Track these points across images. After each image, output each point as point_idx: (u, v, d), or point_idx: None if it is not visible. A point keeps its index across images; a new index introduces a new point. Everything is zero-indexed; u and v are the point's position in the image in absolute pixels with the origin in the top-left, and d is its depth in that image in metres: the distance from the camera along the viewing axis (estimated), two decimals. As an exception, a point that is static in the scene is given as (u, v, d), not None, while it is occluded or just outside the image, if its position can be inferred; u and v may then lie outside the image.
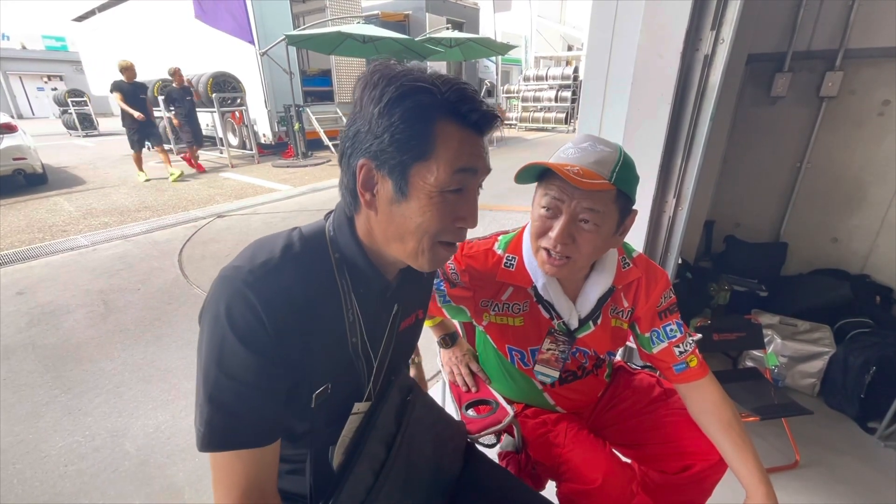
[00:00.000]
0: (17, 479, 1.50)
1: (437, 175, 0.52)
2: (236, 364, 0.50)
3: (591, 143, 0.76)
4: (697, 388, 0.90)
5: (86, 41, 14.32)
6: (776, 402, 1.48)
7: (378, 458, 0.63)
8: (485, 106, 0.54)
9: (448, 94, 0.52)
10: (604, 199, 0.73)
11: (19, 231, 4.26)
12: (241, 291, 0.49)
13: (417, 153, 0.51)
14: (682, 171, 1.35)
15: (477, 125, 0.54)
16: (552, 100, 12.10)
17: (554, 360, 0.94)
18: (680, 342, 0.90)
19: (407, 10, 10.70)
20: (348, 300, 0.59)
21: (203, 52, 8.79)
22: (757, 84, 2.19)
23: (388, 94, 0.50)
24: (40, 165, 6.08)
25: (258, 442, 0.52)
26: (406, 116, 0.50)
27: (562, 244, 0.76)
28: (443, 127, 0.52)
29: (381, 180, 0.54)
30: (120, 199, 5.46)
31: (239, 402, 0.50)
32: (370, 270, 0.60)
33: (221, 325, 0.49)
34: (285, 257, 0.54)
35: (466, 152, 0.53)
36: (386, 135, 0.50)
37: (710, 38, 1.22)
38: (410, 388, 0.71)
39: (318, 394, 0.58)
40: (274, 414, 0.54)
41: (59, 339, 2.41)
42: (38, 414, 1.83)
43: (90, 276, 3.23)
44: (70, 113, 12.52)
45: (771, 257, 2.32)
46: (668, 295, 0.92)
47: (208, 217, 4.66)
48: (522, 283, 0.91)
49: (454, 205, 0.55)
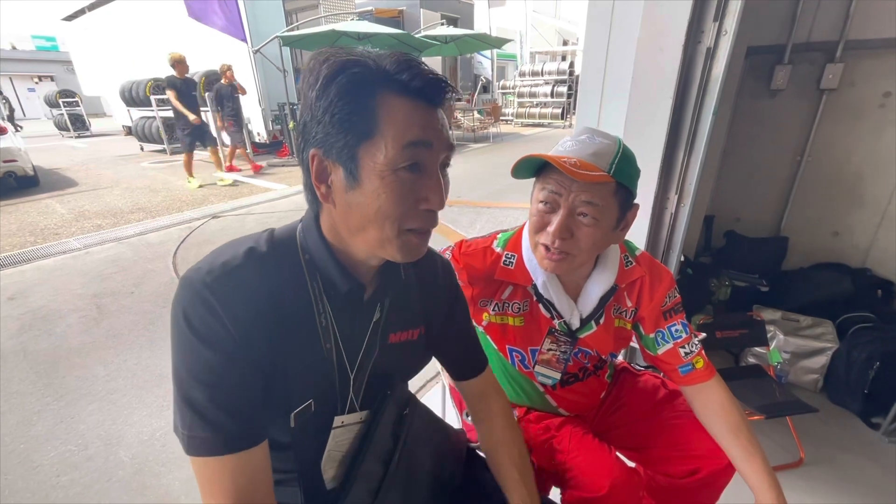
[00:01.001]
0: (9, 490, 1.47)
1: (386, 152, 0.48)
2: (202, 367, 0.49)
3: (589, 136, 0.75)
4: (704, 391, 0.87)
5: (76, 41, 14.15)
6: (781, 399, 1.46)
7: (375, 476, 0.60)
8: (428, 71, 0.50)
9: (386, 65, 0.48)
10: (603, 192, 0.71)
11: (10, 235, 4.19)
12: (200, 292, 0.49)
13: (361, 131, 0.48)
14: (684, 167, 1.32)
15: (423, 94, 0.50)
16: (548, 95, 12.07)
17: (555, 361, 0.91)
18: (686, 343, 0.88)
19: (401, 7, 10.62)
20: (320, 304, 0.56)
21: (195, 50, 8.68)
22: (757, 77, 2.16)
23: (322, 73, 0.48)
24: (31, 167, 5.99)
25: (239, 445, 0.50)
26: (342, 93, 0.47)
27: (560, 239, 0.74)
28: (385, 100, 0.48)
29: (332, 169, 0.51)
30: (113, 201, 5.39)
31: (213, 406, 0.49)
32: (338, 270, 0.56)
33: (182, 329, 0.49)
34: (249, 258, 0.52)
35: (416, 124, 0.49)
36: (326, 116, 0.48)
37: (712, 30, 1.19)
38: (407, 402, 0.68)
39: (298, 412, 0.55)
40: (253, 415, 0.52)
41: (51, 345, 2.36)
42: (30, 422, 1.79)
43: (83, 280, 3.18)
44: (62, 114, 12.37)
45: (771, 252, 2.31)
46: (673, 294, 0.89)
47: (203, 218, 4.61)
48: (522, 282, 0.88)
49: (412, 184, 0.51)
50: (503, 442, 0.76)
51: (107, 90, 12.81)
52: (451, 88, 0.52)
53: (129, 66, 10.77)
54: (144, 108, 9.19)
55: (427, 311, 0.70)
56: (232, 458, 0.49)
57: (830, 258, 2.17)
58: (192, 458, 0.50)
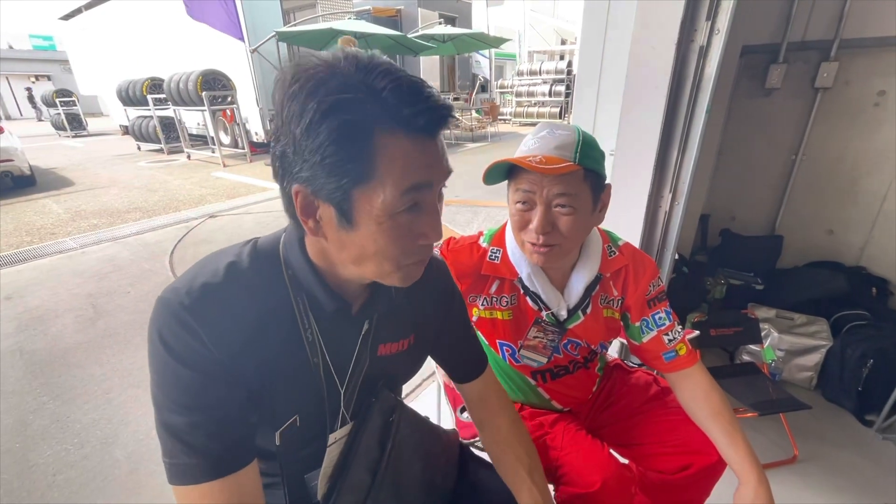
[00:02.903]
0: (5, 489, 1.47)
1: (385, 198, 0.44)
2: (181, 389, 0.46)
3: (549, 131, 0.77)
4: (687, 377, 0.89)
5: (73, 40, 14.10)
6: (774, 397, 1.47)
7: (363, 485, 0.60)
8: (432, 99, 0.44)
9: (385, 96, 0.42)
10: (573, 180, 0.73)
11: (7, 234, 4.18)
12: (178, 315, 0.46)
13: (356, 177, 0.43)
14: (678, 165, 1.33)
15: (427, 129, 0.45)
16: (546, 94, 12.08)
17: (541, 348, 0.92)
18: (669, 330, 0.90)
19: (399, 6, 10.60)
20: (305, 319, 0.54)
21: (192, 49, 8.68)
22: (751, 76, 2.17)
23: (309, 111, 0.41)
24: (28, 167, 5.99)
25: (225, 469, 0.47)
26: (335, 138, 0.41)
27: (543, 234, 0.75)
28: (383, 140, 0.43)
29: (321, 206, 0.46)
30: (110, 201, 5.38)
31: (194, 430, 0.46)
32: (323, 292, 0.53)
33: (159, 352, 0.46)
34: (229, 276, 0.49)
35: (416, 165, 0.45)
36: (315, 157, 0.42)
37: (705, 29, 1.19)
38: (393, 409, 0.66)
39: (283, 430, 0.53)
40: (238, 436, 0.49)
41: (47, 345, 2.36)
42: (26, 422, 1.79)
43: (79, 280, 3.17)
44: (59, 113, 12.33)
45: (767, 250, 2.32)
46: (657, 283, 0.91)
47: (200, 217, 4.61)
48: (508, 275, 0.90)
49: (411, 224, 0.48)
50: (509, 443, 0.76)
51: (104, 89, 12.79)
52: (451, 110, 0.47)
53: (126, 66, 10.74)
54: (141, 107, 9.17)
55: (418, 318, 0.68)
56: (218, 485, 0.47)
57: (825, 256, 2.18)
58: (175, 489, 0.47)
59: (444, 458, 0.77)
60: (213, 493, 0.47)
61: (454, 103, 11.36)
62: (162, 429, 0.47)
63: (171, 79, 7.81)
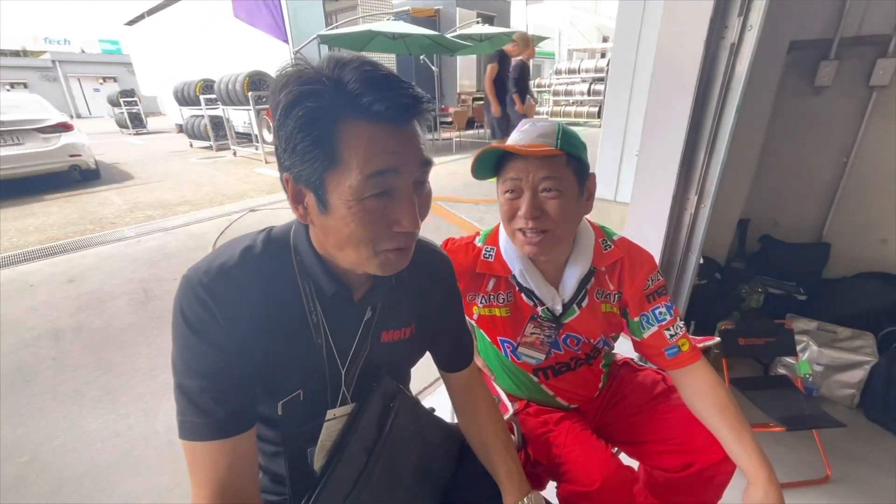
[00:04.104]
0: (60, 451, 1.64)
1: (351, 182, 0.47)
2: (196, 358, 0.52)
3: (531, 125, 0.81)
4: (690, 373, 0.88)
5: (136, 44, 15.21)
6: (806, 412, 1.40)
7: (359, 463, 0.63)
8: (396, 90, 0.46)
9: (350, 87, 0.46)
10: (556, 164, 0.77)
11: (73, 223, 4.59)
12: (196, 290, 0.52)
13: (325, 163, 0.47)
14: (704, 167, 1.29)
15: (388, 116, 0.47)
16: (584, 93, 11.78)
17: (538, 344, 0.93)
18: (670, 325, 0.89)
19: (437, 6, 10.68)
20: (311, 303, 0.58)
21: (241, 52, 9.14)
22: (800, 73, 2.04)
23: (280, 102, 0.47)
24: (94, 161, 6.50)
25: (226, 432, 0.53)
26: (300, 126, 0.46)
27: (533, 218, 0.78)
28: (347, 127, 0.46)
29: (307, 193, 0.51)
30: (163, 194, 5.78)
31: (204, 394, 0.52)
32: (325, 275, 0.58)
33: (179, 323, 0.52)
34: (243, 259, 0.55)
35: (379, 152, 0.47)
36: (290, 145, 0.47)
37: (736, 26, 1.15)
38: (394, 395, 0.69)
39: (286, 402, 0.58)
40: (241, 403, 0.55)
41: (103, 324, 2.59)
42: (81, 392, 1.97)
43: (133, 266, 3.44)
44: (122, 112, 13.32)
45: (811, 259, 2.18)
46: (656, 277, 0.91)
47: (241, 211, 4.86)
48: (501, 273, 0.92)
49: (383, 209, 0.50)
50: (487, 422, 0.79)
51: (162, 90, 13.70)
52: (424, 101, 0.49)
53: (183, 68, 11.46)
54: (194, 106, 9.75)
55: (420, 307, 0.71)
56: (218, 444, 0.53)
57: (877, 267, 2.03)
58: (183, 443, 0.54)
59: (443, 449, 0.80)
60: (213, 451, 0.53)
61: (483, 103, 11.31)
62: (177, 390, 0.53)
63: (220, 80, 8.26)
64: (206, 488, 0.53)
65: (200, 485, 0.53)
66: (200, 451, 0.53)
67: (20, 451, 1.63)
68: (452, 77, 11.21)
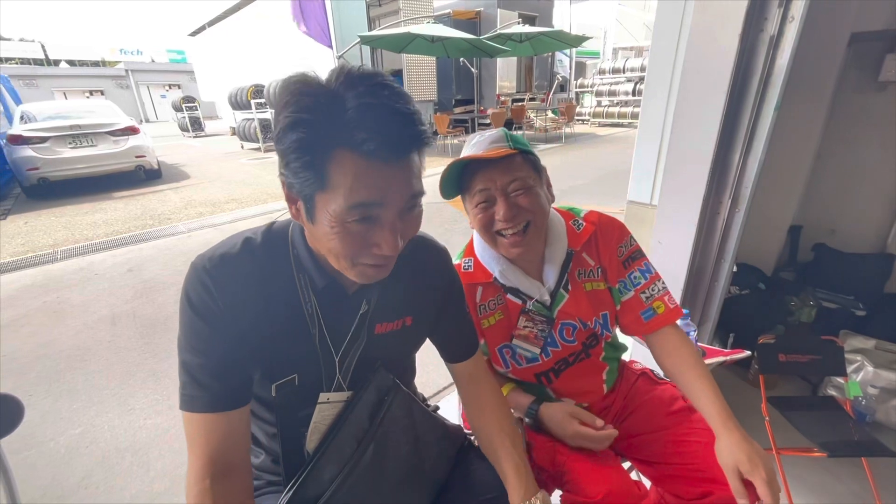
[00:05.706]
0: (108, 426, 1.79)
1: (335, 208, 0.50)
2: (196, 336, 0.57)
3: (479, 136, 0.85)
4: (663, 334, 0.91)
5: (198, 53, 16.35)
6: (855, 438, 1.27)
7: (348, 449, 0.65)
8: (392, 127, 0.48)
9: (349, 117, 0.47)
10: (515, 165, 0.81)
11: (136, 218, 5.00)
12: (199, 275, 0.56)
13: (315, 184, 0.50)
14: (739, 169, 1.20)
15: (379, 155, 0.48)
16: (629, 93, 11.37)
17: (533, 337, 0.93)
18: (645, 288, 0.91)
19: (478, 8, 10.68)
20: (306, 294, 0.62)
21: (289, 58, 9.59)
22: (862, 67, 1.86)
23: (280, 122, 0.49)
24: (156, 162, 7.07)
25: (222, 405, 0.57)
26: (295, 147, 0.48)
27: (512, 218, 0.80)
28: (338, 156, 0.48)
29: (297, 199, 0.54)
30: (214, 192, 6.17)
31: (202, 370, 0.57)
32: (315, 269, 0.61)
33: (184, 305, 0.57)
34: (243, 249, 0.59)
35: (365, 185, 0.49)
36: (285, 159, 0.50)
37: (776, 17, 1.07)
38: (389, 389, 0.71)
39: (280, 385, 0.61)
40: (236, 381, 0.59)
41: (154, 311, 2.80)
42: (130, 373, 2.15)
43: (184, 259, 3.70)
44: (184, 117, 14.36)
45: (872, 271, 1.98)
46: (629, 243, 0.93)
47: (282, 209, 5.09)
48: (483, 279, 0.93)
49: (364, 234, 0.53)
50: (494, 415, 0.79)
51: (219, 96, 14.64)
52: (421, 139, 0.50)
53: (237, 75, 12.20)
54: (246, 110, 10.33)
55: (417, 301, 0.73)
56: (213, 417, 0.57)
57: (952, 282, 1.81)
58: (183, 414, 0.58)
59: (437, 447, 0.79)
60: (208, 423, 0.57)
61: (530, 104, 11.16)
62: (181, 365, 0.58)
63: (269, 85, 8.70)
64: (200, 457, 0.57)
65: (196, 453, 0.58)
66: (197, 421, 0.57)
67: (74, 423, 1.81)
68: (492, 78, 11.16)
